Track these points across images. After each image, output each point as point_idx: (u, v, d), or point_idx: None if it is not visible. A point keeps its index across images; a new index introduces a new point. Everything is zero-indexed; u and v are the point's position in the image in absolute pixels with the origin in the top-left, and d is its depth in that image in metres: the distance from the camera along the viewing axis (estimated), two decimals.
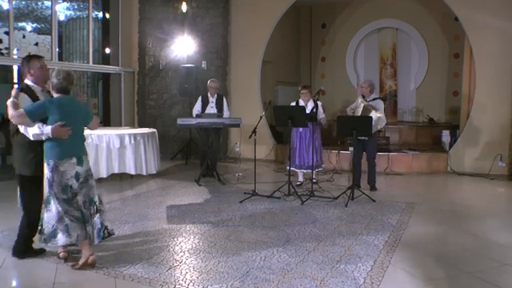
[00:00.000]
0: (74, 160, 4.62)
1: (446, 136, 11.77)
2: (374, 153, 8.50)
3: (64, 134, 4.51)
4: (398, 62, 14.98)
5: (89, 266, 4.60)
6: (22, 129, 4.59)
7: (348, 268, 4.62)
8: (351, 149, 9.08)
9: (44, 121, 4.50)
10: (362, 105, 8.35)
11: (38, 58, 4.90)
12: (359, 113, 8.32)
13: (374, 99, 8.44)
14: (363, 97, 8.49)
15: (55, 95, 4.64)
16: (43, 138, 4.49)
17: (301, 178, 8.50)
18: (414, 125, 13.86)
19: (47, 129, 4.44)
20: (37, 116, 4.45)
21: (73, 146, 4.64)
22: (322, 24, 16.08)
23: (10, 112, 4.43)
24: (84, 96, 5.10)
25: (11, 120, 4.48)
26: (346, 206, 7.23)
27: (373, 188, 8.46)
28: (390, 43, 15.00)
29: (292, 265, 4.71)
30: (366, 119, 7.74)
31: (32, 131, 4.48)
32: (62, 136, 4.50)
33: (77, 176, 4.64)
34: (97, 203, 4.83)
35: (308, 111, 8.21)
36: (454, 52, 13.82)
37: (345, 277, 4.40)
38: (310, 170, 8.40)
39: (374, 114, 8.06)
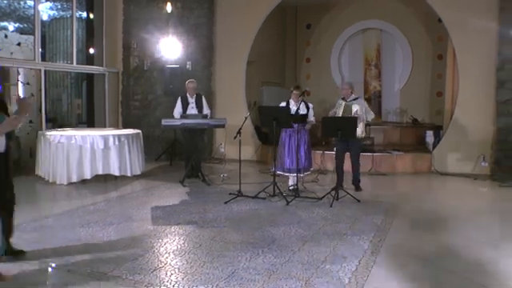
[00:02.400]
0: None
1: (429, 136, 11.87)
2: (358, 153, 8.54)
3: None
4: (383, 63, 15.08)
5: None
6: None
7: (333, 268, 4.64)
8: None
9: None
10: (343, 103, 8.43)
11: None
12: (340, 113, 8.38)
13: (355, 99, 8.49)
14: (343, 98, 8.54)
15: None
16: None
17: (291, 182, 8.45)
18: (399, 125, 13.96)
19: None
20: None
21: None
22: (307, 24, 16.12)
23: None
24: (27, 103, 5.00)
25: None
26: (331, 207, 7.26)
27: (357, 188, 8.50)
28: (374, 44, 15.11)
29: (277, 265, 4.72)
30: (351, 120, 7.79)
31: None
32: None
33: None
34: None
35: (299, 112, 8.09)
36: (437, 53, 13.94)
37: (330, 277, 4.42)
38: (294, 174, 8.34)
39: (355, 107, 8.23)
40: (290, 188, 8.27)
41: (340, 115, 8.36)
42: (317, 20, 15.83)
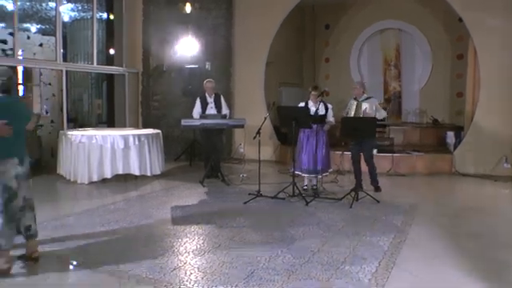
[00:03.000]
0: (16, 160, 4.58)
1: (450, 137, 11.76)
2: (371, 153, 8.48)
3: (6, 132, 4.40)
4: (402, 63, 14.97)
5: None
6: None
7: (353, 269, 4.62)
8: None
9: None
10: (355, 103, 8.39)
11: None
12: (352, 113, 8.34)
13: (367, 98, 8.44)
14: (355, 98, 8.50)
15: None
16: None
17: (307, 182, 8.46)
18: (418, 126, 13.84)
19: None
20: None
21: (15, 146, 4.58)
22: (325, 25, 16.07)
23: None
24: (30, 96, 5.08)
25: None
26: (351, 207, 7.23)
27: (377, 189, 8.44)
28: (393, 44, 15.01)
29: (297, 266, 4.71)
30: (370, 121, 7.76)
31: None
32: (3, 134, 4.39)
33: (17, 176, 4.58)
34: (31, 201, 4.83)
35: (318, 112, 8.10)
36: (457, 53, 13.79)
37: (350, 278, 4.41)
38: (315, 175, 8.34)
39: (364, 106, 8.21)
40: (305, 188, 8.24)
41: (352, 115, 8.31)
42: (335, 20, 15.77)
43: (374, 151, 9.22)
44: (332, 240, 5.61)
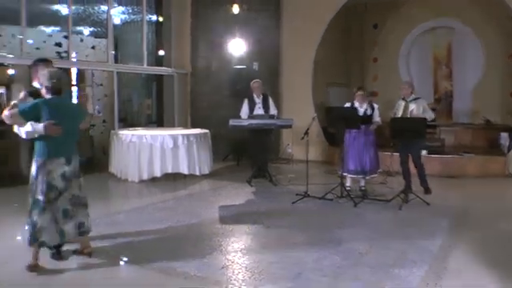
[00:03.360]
0: (63, 160, 4.64)
1: (504, 138, 11.39)
2: (419, 154, 8.30)
3: (56, 132, 4.50)
4: (454, 62, 14.61)
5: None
6: (15, 128, 4.64)
7: (402, 273, 4.54)
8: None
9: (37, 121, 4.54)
10: (403, 103, 8.25)
11: (46, 62, 5.04)
12: (400, 113, 8.20)
13: (415, 99, 8.27)
14: (403, 98, 8.34)
15: (47, 96, 4.65)
16: (36, 135, 4.51)
17: (349, 183, 8.35)
18: (470, 126, 13.46)
19: (39, 126, 4.45)
20: (30, 116, 4.48)
21: (64, 146, 4.64)
22: (373, 24, 15.83)
23: (4, 112, 4.51)
24: (83, 95, 5.13)
25: (4, 120, 4.54)
26: (400, 209, 7.11)
27: (426, 191, 8.26)
28: (444, 43, 14.66)
29: (344, 268, 4.68)
30: (420, 121, 7.62)
31: (25, 129, 4.49)
32: (53, 134, 4.49)
33: (63, 176, 4.65)
34: (84, 199, 4.91)
35: (367, 113, 8.06)
36: (510, 52, 13.35)
37: (399, 281, 4.34)
38: (362, 176, 8.26)
39: (411, 107, 8.07)
40: (348, 189, 8.14)
41: (400, 115, 8.17)
42: (384, 20, 15.52)
43: (424, 152, 9.04)
44: (380, 242, 5.53)
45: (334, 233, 5.92)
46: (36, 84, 5.00)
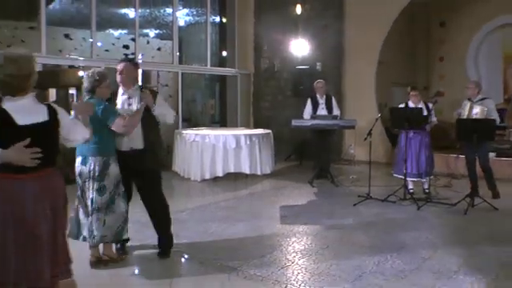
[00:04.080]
0: (80, 159, 4.66)
1: None
2: (487, 157, 7.99)
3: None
4: None
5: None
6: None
7: (466, 279, 4.40)
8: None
9: None
10: (468, 104, 7.94)
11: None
12: (466, 114, 7.91)
13: (482, 99, 7.95)
14: (469, 99, 8.04)
15: (87, 96, 4.74)
16: None
17: (411, 186, 8.15)
18: None
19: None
20: None
21: (79, 145, 4.28)
22: (440, 22, 15.39)
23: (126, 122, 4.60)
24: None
25: (124, 130, 4.62)
26: (465, 214, 6.88)
27: (495, 195, 7.93)
28: None
29: (406, 272, 4.58)
30: (489, 122, 7.34)
31: None
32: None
33: (80, 174, 4.69)
34: (101, 204, 4.65)
35: (431, 113, 7.86)
36: None
37: None
38: (420, 179, 8.07)
39: (475, 110, 7.75)
40: (411, 191, 7.94)
41: (465, 116, 7.88)
42: (451, 17, 15.04)
43: (492, 155, 8.71)
44: (444, 247, 5.38)
45: (397, 236, 5.81)
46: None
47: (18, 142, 2.78)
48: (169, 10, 13.03)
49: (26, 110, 2.86)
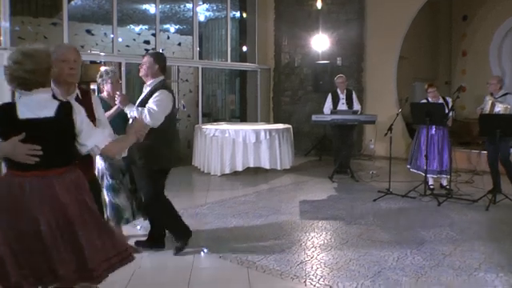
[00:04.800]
0: None
1: None
2: (508, 153, 7.87)
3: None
4: None
5: None
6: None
7: (488, 277, 4.35)
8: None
9: None
10: (490, 101, 7.82)
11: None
12: (487, 110, 7.79)
13: (505, 94, 7.82)
14: (491, 94, 7.91)
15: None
16: None
17: (432, 182, 8.08)
18: None
19: None
20: None
21: None
22: (463, 16, 15.20)
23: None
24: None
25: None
26: (487, 210, 6.81)
27: None
28: None
29: (426, 268, 4.56)
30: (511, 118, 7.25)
31: None
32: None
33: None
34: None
35: (452, 109, 7.79)
36: None
37: (484, 286, 4.17)
38: (440, 175, 8.00)
39: (497, 108, 7.62)
40: (431, 187, 7.87)
41: (487, 112, 7.76)
42: (474, 10, 14.84)
43: None
44: (465, 244, 5.33)
45: (417, 232, 5.77)
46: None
47: (15, 135, 2.69)
48: (189, 6, 13.09)
49: (35, 105, 2.77)
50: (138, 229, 5.72)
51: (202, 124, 10.99)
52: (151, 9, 12.93)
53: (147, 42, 13.48)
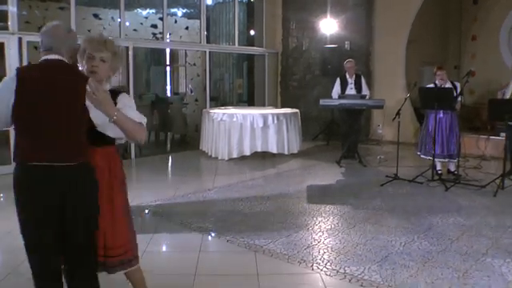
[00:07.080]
0: None
1: None
2: None
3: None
4: None
5: None
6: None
7: (495, 262, 4.36)
8: (503, 134, 8.43)
9: None
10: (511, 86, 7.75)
11: None
12: (508, 95, 7.72)
13: None
14: None
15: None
16: None
17: (439, 167, 8.05)
18: None
19: None
20: None
21: None
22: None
23: None
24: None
25: None
26: (495, 196, 6.79)
27: None
28: None
29: (433, 253, 4.57)
30: None
31: None
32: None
33: None
34: None
35: (462, 93, 7.71)
36: None
37: (491, 271, 4.17)
38: (448, 160, 7.97)
39: (508, 93, 7.53)
40: (439, 172, 7.84)
41: (507, 97, 7.69)
42: None
43: None
44: (472, 229, 5.33)
45: (424, 217, 5.78)
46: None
47: None
48: None
49: None
50: None
51: (209, 108, 10.98)
52: None
53: (154, 26, 13.42)
